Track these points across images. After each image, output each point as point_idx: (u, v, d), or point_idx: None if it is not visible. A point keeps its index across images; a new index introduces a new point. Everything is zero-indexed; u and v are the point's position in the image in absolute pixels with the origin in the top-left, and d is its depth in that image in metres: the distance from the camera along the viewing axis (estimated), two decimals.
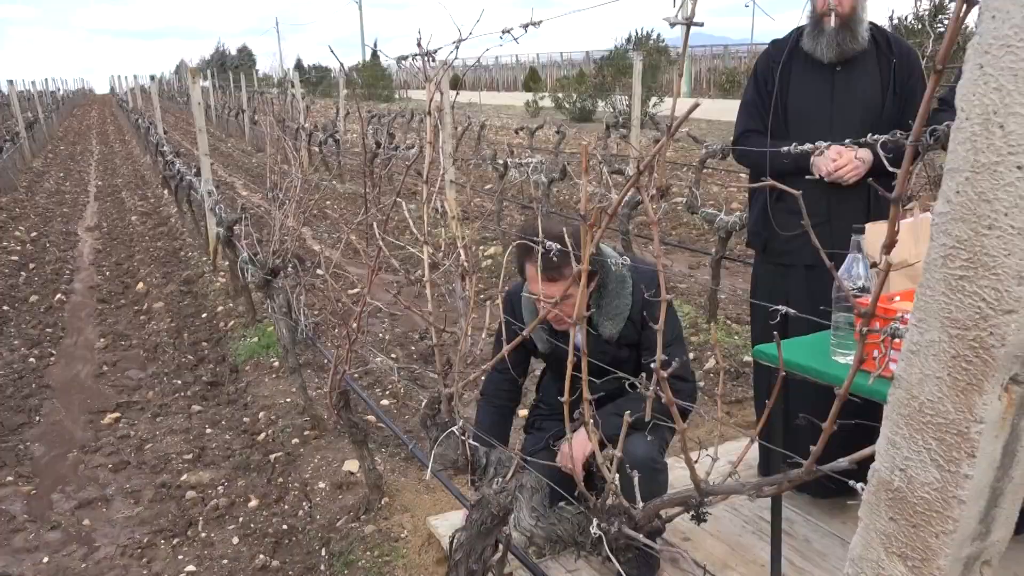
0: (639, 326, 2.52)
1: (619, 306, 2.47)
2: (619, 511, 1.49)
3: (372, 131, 12.77)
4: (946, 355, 0.84)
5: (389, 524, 3.13)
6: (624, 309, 2.47)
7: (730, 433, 3.78)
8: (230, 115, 24.36)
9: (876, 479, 0.95)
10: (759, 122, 2.91)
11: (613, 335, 2.47)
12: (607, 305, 2.46)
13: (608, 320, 2.46)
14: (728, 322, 5.40)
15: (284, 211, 4.13)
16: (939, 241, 0.84)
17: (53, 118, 31.21)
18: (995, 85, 0.76)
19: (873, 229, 2.48)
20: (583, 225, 1.40)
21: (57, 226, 10.75)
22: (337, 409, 3.14)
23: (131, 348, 5.80)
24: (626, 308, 2.47)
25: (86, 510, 3.56)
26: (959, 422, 0.85)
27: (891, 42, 2.83)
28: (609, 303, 2.46)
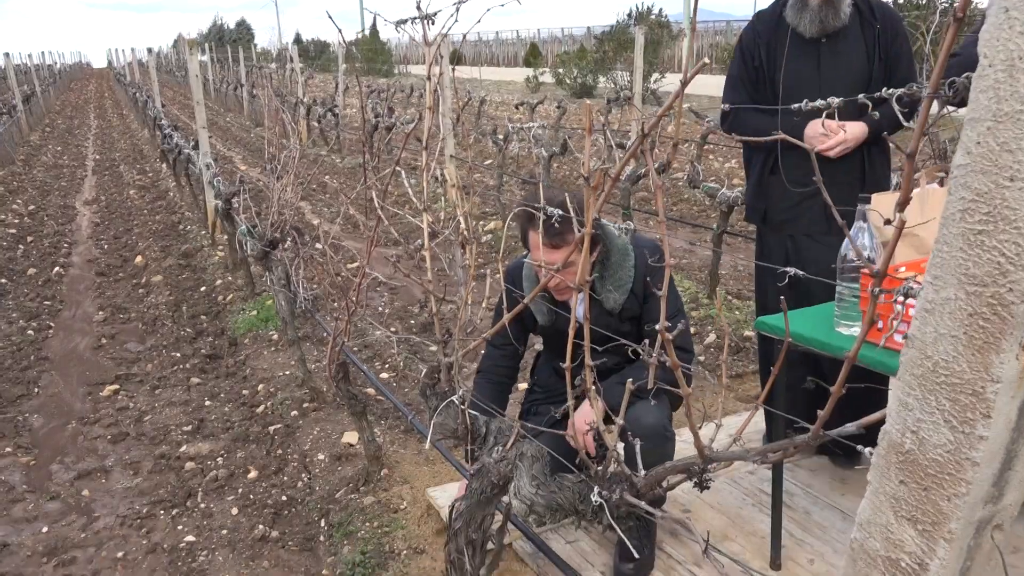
0: (641, 299, 2.51)
1: (622, 277, 2.45)
2: (621, 479, 1.47)
3: (371, 105, 12.67)
4: (962, 313, 0.82)
5: (388, 495, 3.12)
6: (627, 281, 2.45)
7: (730, 407, 3.77)
8: (228, 89, 24.19)
9: (887, 441, 0.92)
10: (747, 96, 2.88)
11: (616, 307, 2.46)
12: (611, 276, 2.45)
13: (611, 291, 2.45)
14: (729, 297, 5.37)
15: (282, 183, 4.09)
16: (957, 195, 0.81)
17: (50, 92, 30.99)
18: (1020, 30, 0.73)
19: (879, 199, 2.45)
20: (586, 188, 1.37)
21: (55, 200, 10.70)
22: (336, 381, 3.12)
23: (130, 321, 5.78)
24: (629, 280, 2.45)
25: (85, 481, 3.55)
26: (974, 382, 0.82)
27: (873, 8, 2.78)
28: (613, 274, 2.45)
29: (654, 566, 2.49)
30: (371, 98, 15.06)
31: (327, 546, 2.96)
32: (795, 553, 2.54)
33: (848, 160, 2.75)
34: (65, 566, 2.92)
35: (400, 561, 2.73)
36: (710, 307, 5.15)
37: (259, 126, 17.69)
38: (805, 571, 2.46)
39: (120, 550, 3.01)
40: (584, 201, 1.38)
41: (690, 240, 7.21)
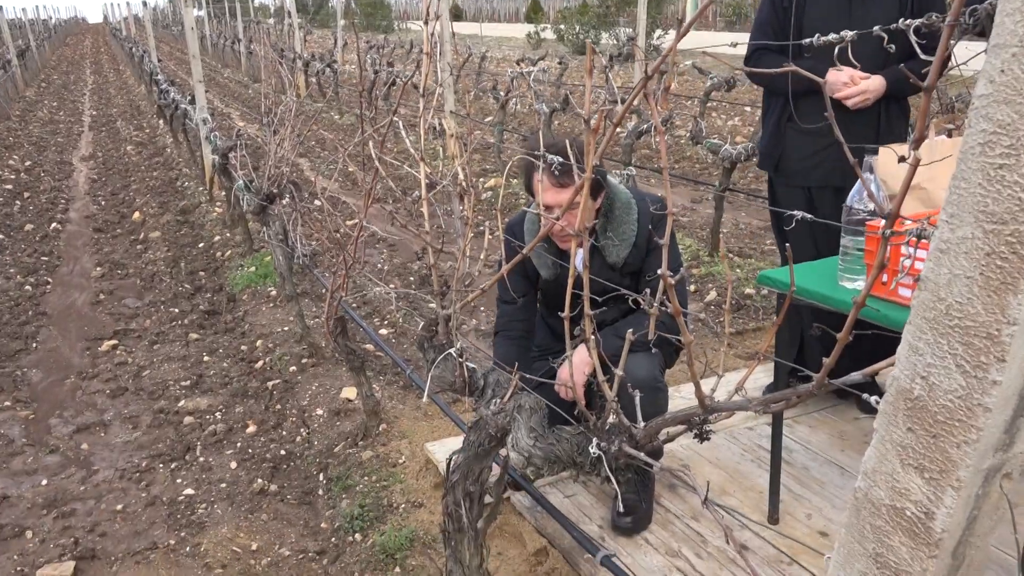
0: (644, 253, 2.47)
1: (625, 231, 2.43)
2: (620, 430, 1.45)
3: (371, 61, 12.48)
4: (979, 252, 0.78)
5: (387, 450, 3.12)
6: (631, 235, 2.43)
7: (730, 364, 3.76)
8: (226, 45, 23.85)
9: (895, 388, 0.89)
10: (772, 40, 2.83)
11: (618, 260, 2.44)
12: (614, 229, 2.42)
13: (615, 244, 2.43)
14: (730, 255, 5.33)
15: (279, 137, 4.03)
16: (978, 127, 0.77)
17: (45, 46, 30.58)
18: None
19: (886, 152, 2.40)
20: (587, 132, 1.33)
21: (51, 156, 10.60)
22: (334, 336, 3.10)
23: (128, 277, 5.75)
24: (632, 233, 2.43)
25: (84, 435, 3.55)
26: (989, 324, 0.79)
27: None
28: (616, 228, 2.42)
29: (652, 520, 2.49)
30: (370, 54, 14.84)
31: (325, 500, 2.97)
32: (793, 508, 2.54)
33: (865, 113, 2.71)
34: (65, 518, 2.93)
35: (398, 514, 2.74)
36: (711, 265, 5.11)
37: (257, 82, 17.47)
38: (803, 525, 2.46)
39: (119, 502, 3.01)
40: (585, 146, 1.33)
41: (692, 198, 7.15)
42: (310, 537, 2.77)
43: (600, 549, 1.90)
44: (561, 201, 2.28)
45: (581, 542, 2.01)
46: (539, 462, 1.66)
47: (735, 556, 2.32)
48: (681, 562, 2.32)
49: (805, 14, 2.77)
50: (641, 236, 2.44)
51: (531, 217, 2.55)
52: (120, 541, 2.78)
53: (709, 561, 2.32)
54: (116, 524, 2.89)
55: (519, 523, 2.57)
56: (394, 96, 10.30)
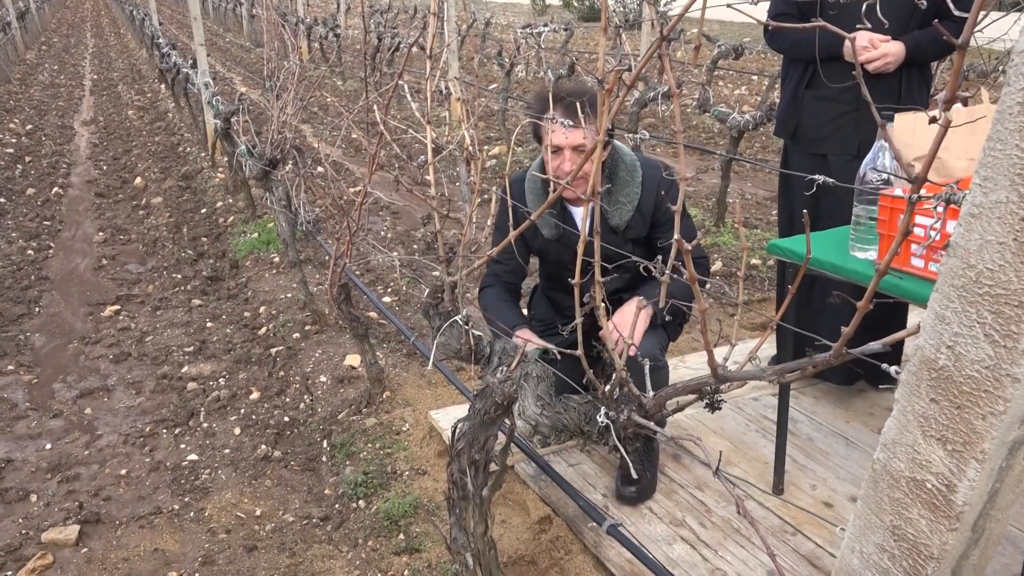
0: (649, 219, 2.44)
1: (628, 194, 2.40)
2: (629, 399, 1.43)
3: (374, 26, 12.32)
4: (1014, 217, 0.75)
5: (391, 417, 3.11)
6: (633, 198, 2.41)
7: (737, 334, 3.73)
8: (228, 8, 23.57)
9: (919, 358, 0.87)
10: (793, 5, 2.77)
11: (620, 224, 2.42)
12: (617, 192, 2.40)
13: (617, 208, 2.40)
14: (736, 225, 5.29)
15: (282, 101, 3.97)
16: (1017, 85, 0.73)
17: (45, 9, 30.24)
18: None
19: (902, 119, 2.36)
20: (600, 92, 1.29)
21: (53, 120, 10.52)
22: (338, 303, 3.08)
23: (130, 242, 5.72)
24: (635, 196, 2.41)
25: (87, 399, 3.55)
26: (1021, 292, 0.76)
27: None
28: (619, 191, 2.40)
29: (656, 489, 2.49)
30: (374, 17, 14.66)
31: (329, 466, 2.97)
32: (797, 479, 2.53)
33: (885, 80, 2.66)
34: (69, 482, 2.93)
35: (402, 481, 2.74)
36: (717, 235, 5.08)
37: (259, 47, 17.28)
38: (807, 496, 2.45)
39: (123, 467, 3.01)
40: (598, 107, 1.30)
41: (698, 168, 7.08)
42: (314, 503, 2.78)
43: (606, 518, 1.90)
44: (572, 142, 2.26)
45: (587, 511, 2.01)
46: (546, 431, 1.65)
47: (739, 526, 2.32)
48: (685, 531, 2.32)
49: None
50: (646, 201, 2.41)
51: (533, 178, 2.51)
52: (124, 505, 2.79)
53: (713, 531, 2.32)
54: (120, 489, 2.89)
55: (523, 491, 2.57)
56: (398, 62, 10.18)
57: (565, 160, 2.29)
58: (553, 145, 2.30)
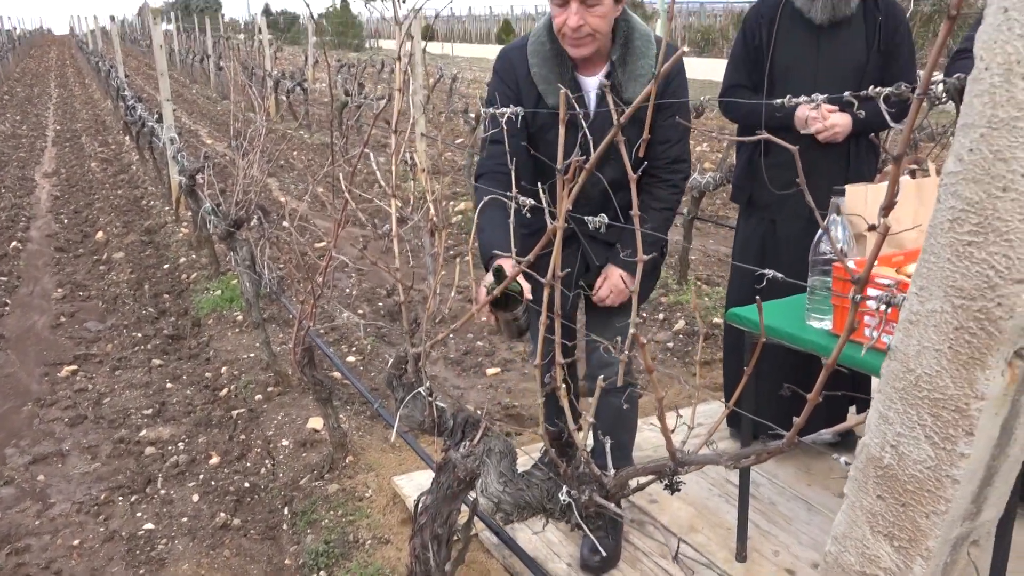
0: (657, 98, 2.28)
1: (644, 66, 2.20)
2: (590, 479, 1.44)
3: (341, 80, 12.46)
4: (948, 326, 0.79)
5: (353, 483, 3.07)
6: (648, 69, 2.20)
7: (699, 395, 3.77)
8: (195, 61, 23.67)
9: (865, 455, 0.90)
10: (746, 77, 2.88)
11: (634, 97, 2.18)
12: (632, 63, 2.20)
13: (632, 81, 2.20)
14: (699, 283, 5.37)
15: (248, 160, 3.99)
16: (947, 203, 0.77)
17: (9, 58, 30.11)
18: (1020, 32, 0.69)
19: (853, 191, 2.44)
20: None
21: (13, 171, 10.40)
22: (301, 366, 3.06)
23: (90, 299, 5.64)
24: (650, 68, 2.19)
25: (41, 465, 3.46)
26: (958, 398, 0.80)
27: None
28: (634, 61, 2.20)
29: (620, 557, 2.48)
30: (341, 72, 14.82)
31: (290, 535, 2.91)
32: (760, 544, 2.54)
33: (834, 149, 2.75)
34: (19, 554, 2.84)
35: (364, 551, 2.69)
36: (680, 293, 5.15)
37: (226, 99, 17.34)
38: (770, 563, 2.46)
39: (76, 537, 2.93)
40: None
41: None
42: (273, 574, 2.72)
43: None
44: None
45: None
46: (508, 508, 1.65)
47: None
48: None
49: (776, 52, 2.82)
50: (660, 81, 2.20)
51: (538, 34, 2.26)
52: None
53: None
54: (72, 561, 2.80)
55: (487, 561, 2.54)
56: (365, 118, 10.27)
57: (571, 13, 2.07)
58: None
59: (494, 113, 2.24)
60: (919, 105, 0.85)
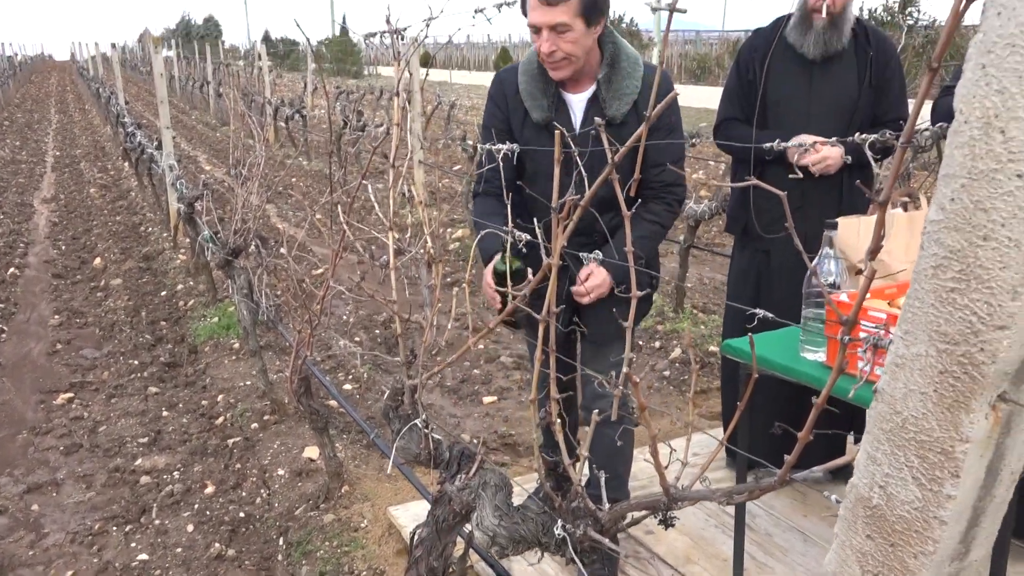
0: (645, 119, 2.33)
1: (628, 86, 2.30)
2: (585, 513, 1.45)
3: (340, 108, 12.55)
4: (933, 370, 0.80)
5: (349, 513, 3.07)
6: (633, 91, 2.30)
7: (695, 423, 3.77)
8: (194, 87, 23.84)
9: (854, 495, 0.91)
10: (739, 110, 2.92)
11: (616, 116, 2.30)
12: (617, 82, 2.30)
13: (616, 99, 2.30)
14: (695, 311, 5.39)
15: (247, 189, 4.02)
16: (930, 250, 0.79)
17: (10, 84, 30.31)
18: (997, 87, 0.72)
19: (845, 224, 2.47)
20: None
21: (12, 197, 10.43)
22: (298, 395, 3.06)
23: (87, 326, 5.64)
24: (635, 90, 2.31)
25: (35, 495, 3.44)
26: (944, 440, 0.81)
27: (869, 34, 2.83)
28: (619, 81, 2.30)
29: None
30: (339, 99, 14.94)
31: (285, 566, 2.90)
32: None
33: (827, 181, 2.78)
34: None
35: None
36: (676, 321, 5.16)
37: (225, 125, 17.45)
38: None
39: (69, 568, 2.91)
40: None
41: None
42: None
43: None
44: (549, 21, 2.17)
45: None
46: (504, 541, 1.65)
47: None
48: None
49: (769, 86, 2.86)
50: (644, 101, 2.29)
51: (530, 55, 2.38)
52: None
53: None
54: None
55: None
56: (363, 145, 10.34)
57: (543, 40, 2.21)
58: (530, 24, 2.22)
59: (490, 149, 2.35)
60: (903, 153, 0.88)
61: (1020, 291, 0.74)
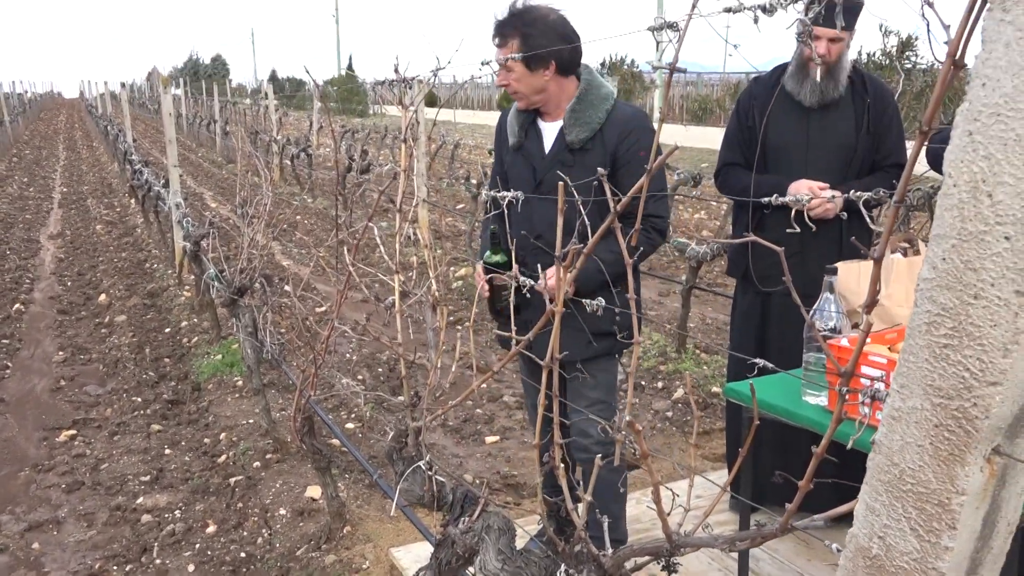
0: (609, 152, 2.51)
1: (592, 117, 2.51)
2: (588, 558, 1.45)
3: (345, 147, 12.69)
4: (928, 423, 0.83)
5: (351, 554, 3.05)
6: (595, 120, 2.50)
7: (698, 466, 3.77)
8: (201, 125, 24.12)
9: (854, 544, 0.92)
10: (739, 155, 2.98)
11: (574, 141, 2.51)
12: (581, 112, 2.52)
13: (577, 127, 2.51)
14: (697, 351, 5.40)
15: (253, 228, 4.07)
16: (924, 307, 0.82)
17: (19, 121, 30.68)
18: (984, 153, 0.75)
19: (845, 268, 2.50)
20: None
21: (19, 233, 10.52)
22: (301, 434, 3.07)
23: (90, 362, 5.66)
24: (597, 121, 2.50)
25: (36, 533, 3.44)
26: (940, 492, 0.83)
27: (866, 81, 2.88)
28: (583, 111, 2.52)
29: None
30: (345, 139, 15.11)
31: None
32: None
33: (828, 225, 2.81)
34: None
35: None
36: (679, 361, 5.17)
37: (231, 162, 17.63)
38: None
39: None
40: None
41: (659, 292, 7.26)
42: None
43: None
44: (499, 59, 2.49)
45: None
46: None
47: None
48: None
49: (768, 132, 2.92)
50: (610, 132, 2.49)
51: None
52: None
53: None
54: None
55: None
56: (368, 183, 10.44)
57: (499, 74, 2.54)
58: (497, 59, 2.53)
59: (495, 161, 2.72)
60: (896, 212, 0.91)
61: (1011, 348, 0.77)
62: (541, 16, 2.47)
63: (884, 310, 2.49)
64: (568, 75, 2.53)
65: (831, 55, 2.74)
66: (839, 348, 2.17)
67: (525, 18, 2.45)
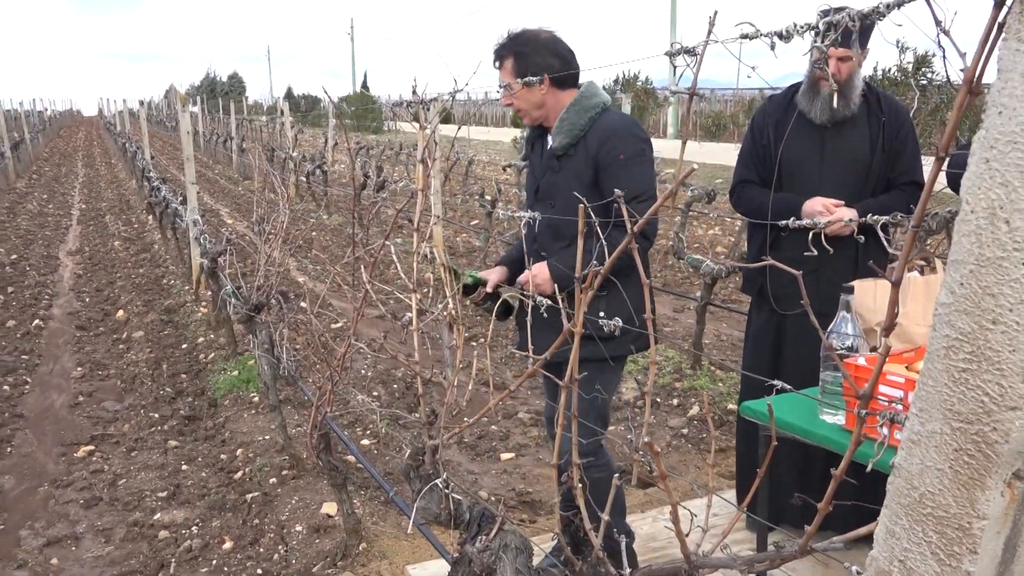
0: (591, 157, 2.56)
1: (573, 123, 2.58)
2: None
3: (360, 163, 12.78)
4: (948, 448, 0.83)
5: (367, 571, 3.06)
6: (575, 129, 2.57)
7: (714, 483, 3.75)
8: (218, 142, 24.35)
9: (875, 568, 0.93)
10: (754, 173, 2.99)
11: (557, 148, 2.60)
12: (566, 120, 2.60)
13: (560, 134, 2.60)
14: (712, 368, 5.39)
15: (270, 245, 4.10)
16: (942, 332, 0.83)
17: (39, 139, 31.10)
18: (1001, 180, 0.76)
19: (861, 287, 2.50)
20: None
21: (38, 249, 10.64)
22: (317, 451, 3.08)
23: (108, 378, 5.71)
24: (579, 129, 2.57)
25: (54, 548, 3.46)
26: (960, 516, 0.83)
27: (881, 100, 2.89)
28: (569, 120, 2.59)
29: None
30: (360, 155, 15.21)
31: None
32: None
33: (843, 242, 2.81)
34: None
35: None
36: (694, 378, 5.16)
37: (247, 179, 17.78)
38: None
39: None
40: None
41: (674, 308, 7.25)
42: None
43: None
44: (501, 80, 2.66)
45: None
46: None
47: None
48: None
49: (783, 150, 2.92)
50: (592, 139, 2.55)
51: None
52: None
53: None
54: None
55: None
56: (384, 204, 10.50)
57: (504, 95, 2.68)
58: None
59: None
60: (914, 236, 0.92)
61: None
62: (532, 36, 2.63)
63: (902, 329, 2.48)
64: (565, 88, 2.64)
65: (841, 74, 2.75)
66: (856, 367, 2.17)
67: (518, 40, 2.62)
